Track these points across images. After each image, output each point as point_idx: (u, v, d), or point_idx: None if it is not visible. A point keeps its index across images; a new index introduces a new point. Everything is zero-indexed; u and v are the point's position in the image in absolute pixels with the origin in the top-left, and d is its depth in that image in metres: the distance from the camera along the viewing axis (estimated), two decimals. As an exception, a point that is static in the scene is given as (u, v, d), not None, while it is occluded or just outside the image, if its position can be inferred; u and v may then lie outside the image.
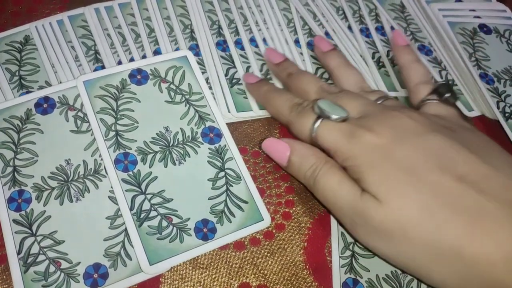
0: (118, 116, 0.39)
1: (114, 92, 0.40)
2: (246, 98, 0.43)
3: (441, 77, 0.47)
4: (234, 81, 0.43)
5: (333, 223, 0.38)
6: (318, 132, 0.36)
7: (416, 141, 0.33)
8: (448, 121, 0.37)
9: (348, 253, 0.37)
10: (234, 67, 0.44)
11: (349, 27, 0.49)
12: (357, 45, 0.48)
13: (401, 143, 0.33)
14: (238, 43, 0.46)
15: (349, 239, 0.37)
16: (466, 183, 0.31)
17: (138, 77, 0.41)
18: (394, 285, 0.36)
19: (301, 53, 0.46)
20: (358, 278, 0.36)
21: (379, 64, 0.47)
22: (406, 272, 0.34)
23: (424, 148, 0.33)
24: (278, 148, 0.38)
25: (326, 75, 0.45)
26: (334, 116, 0.35)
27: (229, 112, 0.42)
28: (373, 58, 0.47)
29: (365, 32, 0.49)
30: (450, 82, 0.44)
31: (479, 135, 0.36)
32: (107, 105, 0.40)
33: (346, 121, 0.36)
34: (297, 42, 0.47)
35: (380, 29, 0.49)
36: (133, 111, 0.40)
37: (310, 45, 0.47)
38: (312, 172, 0.36)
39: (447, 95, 0.38)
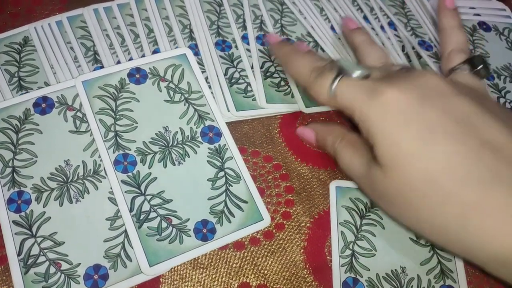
0: (117, 116, 0.39)
1: (113, 92, 0.40)
2: (246, 97, 0.43)
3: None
4: (233, 80, 0.43)
5: (333, 222, 0.38)
6: (337, 90, 0.34)
7: (441, 102, 0.31)
8: (476, 92, 0.36)
9: (348, 252, 0.37)
10: (234, 66, 0.44)
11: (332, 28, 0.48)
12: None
13: (424, 104, 0.31)
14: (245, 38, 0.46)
15: (349, 238, 0.37)
16: (488, 150, 0.30)
17: (137, 76, 0.41)
18: (395, 284, 0.36)
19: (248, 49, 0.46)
20: (358, 277, 0.36)
21: None
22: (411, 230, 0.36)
23: (449, 111, 0.31)
24: (305, 133, 0.41)
25: (272, 69, 0.45)
26: (355, 73, 0.34)
27: (228, 111, 0.41)
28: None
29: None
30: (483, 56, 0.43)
31: (505, 109, 0.36)
32: (106, 105, 0.40)
33: (367, 79, 0.34)
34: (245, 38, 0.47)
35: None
36: (132, 111, 0.40)
37: (259, 39, 0.47)
38: (333, 149, 0.38)
39: (480, 67, 0.38)
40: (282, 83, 0.44)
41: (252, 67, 0.44)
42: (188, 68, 0.43)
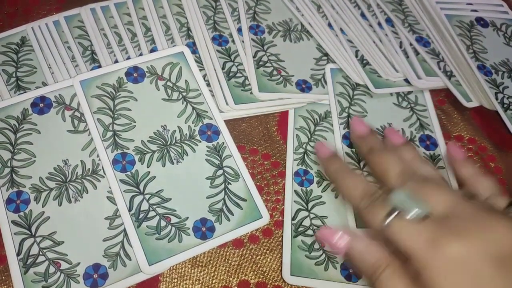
0: (115, 115, 0.39)
1: (110, 91, 0.40)
2: (244, 90, 0.43)
3: (440, 68, 0.46)
4: (231, 74, 0.43)
5: (290, 127, 0.42)
6: (391, 230, 0.31)
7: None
8: None
9: (301, 150, 0.41)
10: (231, 60, 0.44)
11: (329, 24, 0.49)
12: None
13: (494, 267, 0.27)
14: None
15: (303, 140, 0.42)
16: None
17: (135, 75, 0.41)
18: None
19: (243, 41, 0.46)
20: (308, 169, 0.41)
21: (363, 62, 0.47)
22: None
23: None
24: (333, 237, 0.33)
25: (264, 58, 0.45)
26: (411, 214, 0.30)
27: (227, 104, 0.42)
28: (356, 54, 0.47)
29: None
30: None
31: None
32: (104, 104, 0.40)
33: (427, 220, 0.30)
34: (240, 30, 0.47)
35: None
36: (130, 110, 0.40)
37: (252, 28, 0.47)
38: (373, 272, 0.31)
39: None
40: (275, 72, 0.44)
41: (254, 56, 0.45)
42: (186, 66, 0.43)
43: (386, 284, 0.30)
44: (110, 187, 0.37)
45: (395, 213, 0.31)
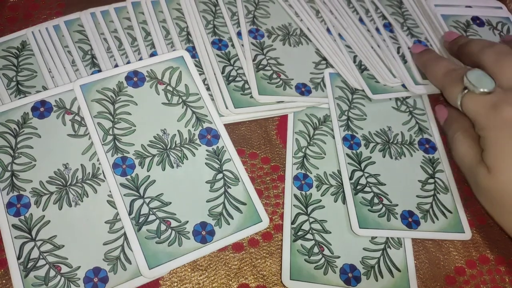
0: (115, 119, 0.39)
1: (111, 96, 0.40)
2: (243, 94, 0.43)
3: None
4: (230, 78, 0.44)
5: (289, 131, 0.43)
6: (462, 101, 0.38)
7: None
8: None
9: (300, 154, 0.42)
10: (231, 64, 0.44)
11: (327, 29, 0.49)
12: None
13: None
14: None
15: (303, 144, 0.42)
16: None
17: (135, 79, 0.42)
18: (339, 180, 0.41)
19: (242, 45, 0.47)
20: (307, 173, 0.41)
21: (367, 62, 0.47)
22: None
23: None
24: (441, 111, 0.44)
25: (264, 62, 0.45)
26: (479, 90, 0.37)
27: (226, 108, 0.42)
28: (354, 59, 0.47)
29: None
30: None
31: None
32: (104, 109, 0.40)
33: (492, 93, 0.37)
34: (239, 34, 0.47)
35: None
36: (130, 114, 0.40)
37: (252, 32, 0.47)
38: (453, 135, 0.41)
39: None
40: (274, 75, 0.45)
41: (254, 59, 0.45)
42: (186, 70, 0.43)
43: (460, 139, 0.39)
44: (110, 191, 0.37)
45: (466, 91, 0.38)
